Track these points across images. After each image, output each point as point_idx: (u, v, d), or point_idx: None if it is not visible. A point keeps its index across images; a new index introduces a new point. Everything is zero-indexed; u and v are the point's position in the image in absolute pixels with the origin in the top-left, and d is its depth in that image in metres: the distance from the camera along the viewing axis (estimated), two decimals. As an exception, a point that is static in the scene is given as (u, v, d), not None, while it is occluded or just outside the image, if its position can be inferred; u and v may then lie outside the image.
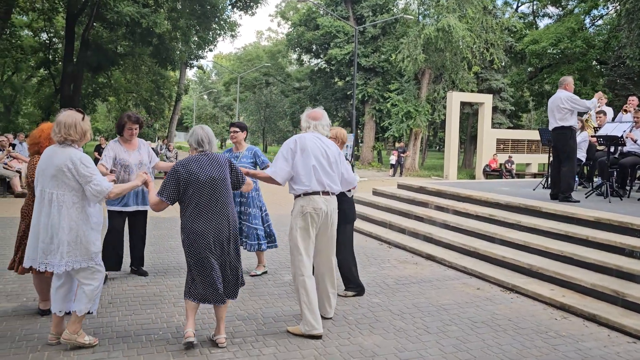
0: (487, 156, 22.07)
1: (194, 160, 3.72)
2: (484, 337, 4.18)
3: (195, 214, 3.69)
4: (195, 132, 3.82)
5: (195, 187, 3.67)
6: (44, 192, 3.58)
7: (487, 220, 7.47)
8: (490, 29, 24.85)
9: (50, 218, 3.55)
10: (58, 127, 3.57)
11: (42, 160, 3.66)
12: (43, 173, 3.60)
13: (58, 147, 3.62)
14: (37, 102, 33.50)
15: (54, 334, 3.74)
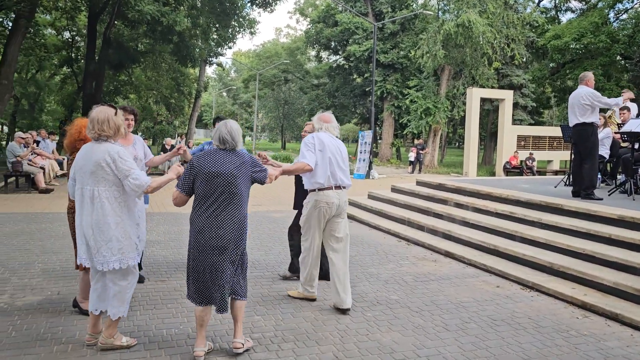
0: (507, 153, 21.82)
1: (209, 154, 3.60)
2: (504, 336, 4.16)
3: (207, 211, 3.52)
4: (219, 129, 3.64)
5: (202, 179, 3.53)
6: (84, 190, 3.55)
7: (507, 217, 7.40)
8: (512, 24, 24.52)
9: (95, 215, 3.51)
10: (92, 124, 3.55)
11: (78, 158, 3.63)
12: (81, 170, 3.57)
13: (94, 143, 3.59)
14: (60, 99, 34.04)
15: (91, 334, 3.70)
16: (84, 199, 3.55)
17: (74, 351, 3.61)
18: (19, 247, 6.69)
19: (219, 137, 3.62)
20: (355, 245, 7.43)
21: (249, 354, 3.67)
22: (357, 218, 9.58)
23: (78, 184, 3.61)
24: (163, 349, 3.70)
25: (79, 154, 3.66)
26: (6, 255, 6.21)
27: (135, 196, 3.63)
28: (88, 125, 3.59)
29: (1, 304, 4.51)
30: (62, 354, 3.55)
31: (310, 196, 4.65)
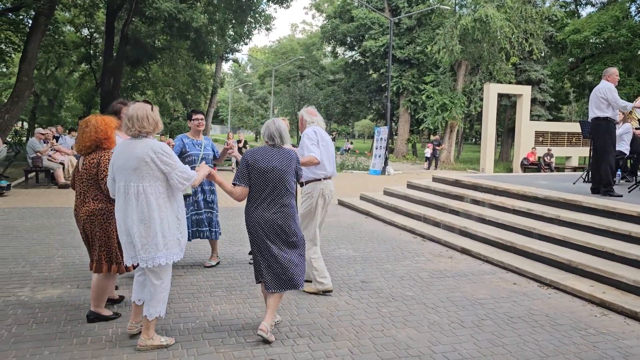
0: (525, 149, 21.58)
1: (260, 150, 3.92)
2: (520, 333, 4.13)
3: (259, 201, 3.86)
4: (268, 127, 3.95)
5: (256, 174, 3.83)
6: (128, 187, 3.53)
7: (524, 214, 7.34)
8: (530, 18, 24.20)
9: (140, 211, 3.52)
10: (131, 121, 3.54)
11: (117, 155, 3.60)
12: (123, 167, 3.53)
13: (133, 140, 3.58)
14: (78, 96, 34.52)
15: (133, 323, 3.78)
16: (128, 195, 3.53)
17: (93, 344, 3.67)
18: (39, 241, 6.81)
19: (269, 134, 3.94)
20: (370, 242, 7.43)
21: (265, 348, 3.69)
22: (372, 214, 9.56)
23: (120, 181, 3.57)
24: (180, 343, 3.74)
25: (116, 151, 3.64)
26: (27, 249, 6.32)
27: (182, 189, 3.66)
28: (125, 122, 3.58)
29: (22, 297, 4.60)
30: (82, 347, 3.61)
31: (314, 185, 4.96)
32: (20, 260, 5.84)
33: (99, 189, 3.99)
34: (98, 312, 4.08)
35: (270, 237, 3.85)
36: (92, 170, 3.97)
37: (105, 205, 4.00)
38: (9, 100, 17.40)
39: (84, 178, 4.02)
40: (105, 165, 3.94)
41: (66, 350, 3.54)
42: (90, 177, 3.99)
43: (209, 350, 3.64)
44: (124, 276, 5.25)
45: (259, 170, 3.82)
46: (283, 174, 3.86)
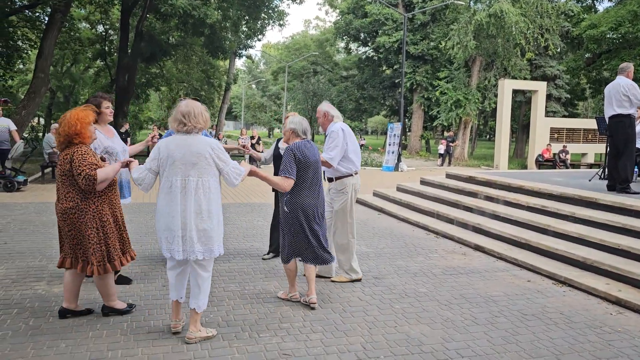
0: (540, 146, 21.37)
1: (305, 145, 4.38)
2: (535, 330, 4.10)
3: (306, 191, 4.35)
4: (301, 123, 4.44)
5: (306, 167, 4.32)
6: (186, 181, 3.56)
7: (539, 211, 7.27)
8: (546, 13, 23.92)
9: (199, 205, 3.58)
10: (187, 117, 3.60)
11: (172, 150, 3.60)
12: (181, 162, 3.57)
13: (188, 135, 3.62)
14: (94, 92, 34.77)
15: (177, 321, 3.79)
16: (186, 190, 3.58)
17: (108, 337, 3.71)
18: (55, 235, 6.89)
19: (303, 129, 4.45)
20: (383, 238, 7.42)
21: (278, 343, 3.71)
22: (385, 210, 9.55)
23: (174, 175, 3.58)
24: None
25: (171, 145, 3.61)
26: (44, 244, 6.41)
27: (236, 184, 3.77)
28: (180, 119, 3.61)
29: (39, 290, 4.67)
30: (97, 340, 3.66)
31: (347, 180, 5.24)
32: (37, 254, 5.93)
33: (72, 186, 3.81)
34: (111, 305, 4.09)
35: (312, 220, 4.39)
36: (65, 167, 3.78)
37: (76, 204, 3.80)
38: (25, 97, 17.63)
39: (59, 175, 3.86)
40: (79, 161, 3.74)
41: (82, 343, 3.59)
42: (63, 174, 3.81)
43: (222, 344, 3.66)
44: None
45: (307, 163, 4.33)
46: (319, 163, 4.51)
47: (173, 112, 3.73)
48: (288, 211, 4.37)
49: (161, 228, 3.66)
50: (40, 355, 3.40)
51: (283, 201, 4.41)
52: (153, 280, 5.06)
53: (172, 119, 3.67)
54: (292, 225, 4.38)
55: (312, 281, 4.49)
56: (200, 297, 3.70)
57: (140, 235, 6.98)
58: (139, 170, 3.71)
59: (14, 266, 5.42)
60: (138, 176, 3.69)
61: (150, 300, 4.51)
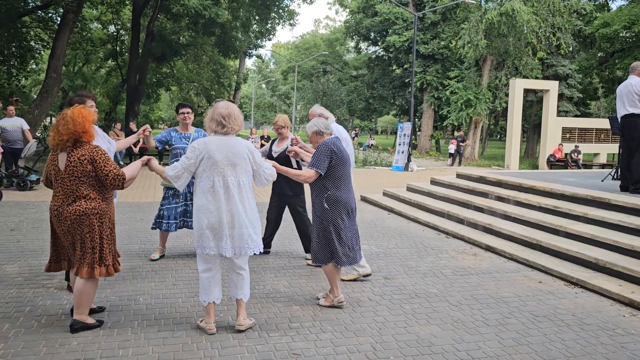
0: (551, 145, 21.19)
1: (338, 141, 4.46)
2: (546, 332, 4.06)
3: (343, 186, 4.41)
4: (319, 123, 4.49)
5: (342, 162, 4.38)
6: (228, 181, 3.69)
7: (550, 211, 7.22)
8: (558, 12, 23.70)
9: (242, 204, 3.73)
10: (227, 120, 3.71)
11: (213, 150, 3.68)
12: (222, 163, 3.68)
13: (227, 137, 3.75)
14: (105, 91, 35.08)
15: (213, 323, 3.83)
16: (229, 190, 3.70)
17: (119, 335, 3.74)
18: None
19: (326, 126, 4.52)
20: (393, 238, 7.40)
21: (288, 343, 3.71)
22: (395, 210, 9.52)
23: (214, 175, 3.68)
24: (204, 336, 3.78)
25: (211, 146, 3.69)
26: (56, 242, 6.45)
27: (266, 185, 4.00)
28: (220, 120, 3.71)
29: (51, 288, 4.71)
30: (109, 338, 3.68)
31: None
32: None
33: (92, 187, 3.72)
34: (82, 320, 3.79)
35: (349, 215, 4.47)
36: (86, 168, 3.67)
37: (99, 204, 3.73)
38: (38, 96, 17.79)
39: (71, 176, 3.68)
40: (104, 161, 3.69)
41: (93, 341, 3.62)
42: (81, 175, 3.67)
43: (232, 343, 3.67)
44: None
45: (344, 158, 4.41)
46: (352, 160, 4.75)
47: (209, 113, 3.81)
48: (329, 208, 4.35)
49: (204, 226, 3.70)
50: (52, 353, 3.42)
51: (322, 198, 4.36)
52: (163, 279, 5.09)
53: (210, 120, 3.76)
54: (331, 223, 4.34)
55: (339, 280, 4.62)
56: (245, 288, 3.90)
57: (149, 234, 7.00)
58: (174, 168, 3.74)
59: (26, 264, 5.47)
60: (174, 174, 3.73)
61: (161, 299, 4.53)
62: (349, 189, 4.49)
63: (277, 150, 5.88)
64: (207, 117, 3.82)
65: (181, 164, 3.73)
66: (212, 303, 3.83)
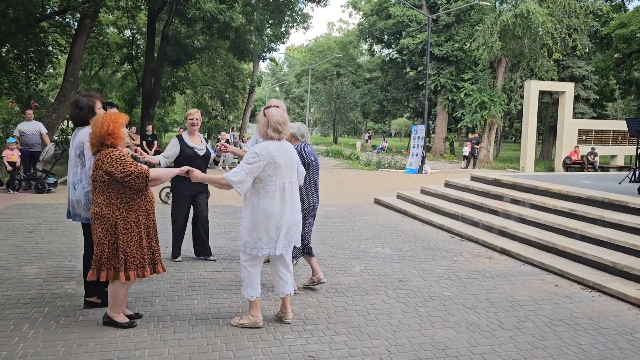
0: (567, 148, 20.98)
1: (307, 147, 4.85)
2: (562, 336, 4.03)
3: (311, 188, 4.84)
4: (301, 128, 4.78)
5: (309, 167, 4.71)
6: (291, 184, 4.00)
7: (566, 214, 7.15)
8: (574, 13, 23.47)
9: (297, 203, 4.06)
10: (282, 126, 3.94)
11: (276, 155, 3.87)
12: (284, 167, 3.93)
13: (281, 142, 3.99)
14: (121, 95, 35.43)
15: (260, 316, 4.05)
16: (292, 191, 4.02)
17: (136, 336, 3.78)
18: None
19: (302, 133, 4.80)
20: (407, 241, 7.38)
21: (302, 345, 3.73)
22: (409, 213, 9.49)
23: (280, 179, 3.91)
24: (219, 337, 3.81)
25: (273, 152, 3.87)
26: (74, 244, 6.55)
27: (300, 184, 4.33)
28: (276, 127, 3.92)
29: (69, 290, 4.78)
30: (125, 339, 3.73)
31: None
32: (67, 254, 6.06)
33: (102, 192, 3.75)
34: (112, 316, 3.92)
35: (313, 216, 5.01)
36: (97, 172, 3.71)
37: (101, 210, 3.74)
38: (56, 100, 18.04)
39: (91, 180, 3.79)
40: (119, 163, 3.69)
41: (111, 342, 3.66)
42: (94, 179, 3.74)
43: (247, 345, 3.70)
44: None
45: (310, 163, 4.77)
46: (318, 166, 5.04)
47: (262, 120, 3.98)
48: None
49: (269, 228, 3.88)
50: (71, 353, 3.48)
51: None
52: (179, 281, 5.13)
53: (267, 127, 3.93)
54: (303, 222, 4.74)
55: None
56: (290, 283, 4.11)
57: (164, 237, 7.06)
58: (237, 174, 3.81)
59: (45, 266, 5.55)
60: (238, 179, 3.81)
61: (176, 300, 4.57)
62: (317, 192, 4.98)
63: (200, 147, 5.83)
64: (260, 123, 3.98)
65: (244, 170, 3.82)
66: (257, 298, 4.01)
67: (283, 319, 4.13)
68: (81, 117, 4.24)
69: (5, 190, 10.99)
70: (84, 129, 4.19)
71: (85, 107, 4.24)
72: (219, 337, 3.81)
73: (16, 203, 9.55)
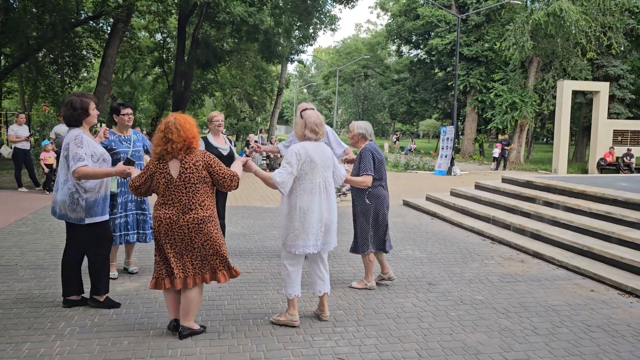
0: (602, 149, 20.46)
1: (376, 146, 5.01)
2: (599, 342, 3.92)
3: (383, 184, 5.01)
4: (367, 128, 5.03)
5: (381, 164, 4.97)
6: (326, 183, 4.09)
7: (602, 217, 6.96)
8: (609, 11, 22.87)
9: (333, 202, 4.16)
10: (318, 127, 4.08)
11: (313, 155, 3.99)
12: (321, 167, 4.05)
13: (317, 143, 4.10)
14: (152, 98, 36.12)
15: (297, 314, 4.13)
16: (327, 190, 4.10)
17: (168, 336, 3.83)
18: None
19: (370, 133, 5.05)
20: (437, 243, 7.30)
21: (332, 347, 3.72)
22: (438, 215, 9.39)
23: (317, 178, 4.02)
24: (249, 338, 3.83)
25: (311, 152, 3.99)
26: (107, 244, 6.67)
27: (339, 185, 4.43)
28: (313, 128, 4.06)
29: (103, 289, 4.87)
30: (158, 338, 3.78)
31: None
32: (101, 254, 6.17)
33: (206, 194, 3.69)
34: (191, 326, 3.81)
35: (387, 209, 5.10)
36: (201, 173, 3.64)
37: (213, 212, 3.74)
38: (89, 103, 18.44)
39: (186, 184, 3.62)
40: (217, 164, 3.71)
41: (144, 341, 3.72)
42: (197, 181, 3.63)
43: (277, 346, 3.71)
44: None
45: (382, 161, 4.99)
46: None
47: (300, 122, 4.13)
48: (370, 203, 4.95)
49: (306, 226, 3.97)
50: (105, 351, 3.54)
51: (364, 195, 4.95)
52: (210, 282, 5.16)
53: (305, 128, 4.07)
54: (374, 217, 4.98)
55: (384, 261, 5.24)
56: (327, 282, 4.23)
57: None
58: (281, 175, 3.91)
59: (80, 265, 5.67)
60: (282, 180, 3.92)
61: (207, 301, 4.61)
62: (386, 186, 5.12)
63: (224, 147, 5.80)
64: (298, 125, 4.12)
65: (286, 170, 3.93)
66: (296, 296, 4.08)
67: (321, 316, 4.25)
68: (74, 117, 4.19)
69: (41, 191, 11.28)
70: (72, 130, 4.19)
71: (79, 108, 4.19)
72: (249, 338, 3.83)
73: (52, 204, 9.79)
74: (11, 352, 3.49)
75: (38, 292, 4.74)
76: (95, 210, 4.22)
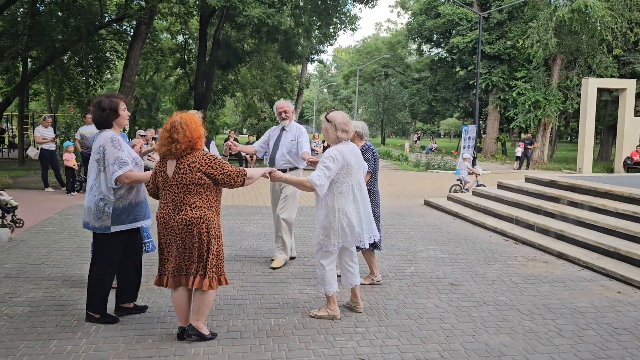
0: (628, 148, 20.01)
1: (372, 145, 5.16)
2: (627, 346, 3.84)
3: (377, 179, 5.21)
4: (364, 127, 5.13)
5: (378, 161, 5.17)
6: (359, 183, 4.22)
7: (629, 217, 6.82)
8: (635, 6, 22.38)
9: (366, 201, 4.27)
10: (348, 126, 4.17)
11: (348, 157, 4.11)
12: (355, 167, 4.17)
13: (348, 143, 4.22)
14: (174, 98, 36.48)
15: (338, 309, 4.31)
16: (361, 190, 4.22)
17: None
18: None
19: (366, 133, 5.13)
20: (459, 243, 7.24)
21: (354, 347, 3.71)
22: (460, 215, 9.31)
23: (352, 179, 4.15)
24: (271, 338, 3.85)
25: (346, 154, 4.10)
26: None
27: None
28: (345, 129, 4.16)
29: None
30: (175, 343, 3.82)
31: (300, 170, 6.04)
32: (125, 253, 6.27)
33: (199, 195, 3.60)
34: (198, 327, 3.74)
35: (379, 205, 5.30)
36: (195, 174, 3.56)
37: (204, 213, 3.60)
38: (113, 105, 18.72)
39: (179, 184, 3.59)
40: (218, 164, 3.63)
41: (167, 340, 3.76)
42: (189, 182, 3.57)
43: (299, 346, 3.72)
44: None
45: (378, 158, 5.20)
46: None
47: (328, 127, 4.18)
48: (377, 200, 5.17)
49: (344, 226, 4.09)
50: (129, 349, 3.59)
51: None
52: (232, 281, 5.21)
53: (336, 130, 4.15)
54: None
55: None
56: (357, 274, 4.37)
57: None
58: (320, 178, 4.00)
59: (104, 264, 5.76)
60: (321, 183, 4.01)
61: (229, 300, 4.65)
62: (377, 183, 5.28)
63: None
64: (329, 130, 4.18)
65: (324, 174, 4.02)
66: (335, 292, 4.24)
67: (355, 308, 4.41)
68: (103, 118, 4.01)
69: (66, 192, 11.49)
70: (105, 132, 4.03)
71: (108, 109, 4.00)
72: (271, 338, 3.85)
73: (77, 203, 9.97)
74: (39, 349, 3.57)
75: (64, 290, 4.83)
76: (122, 218, 4.01)
